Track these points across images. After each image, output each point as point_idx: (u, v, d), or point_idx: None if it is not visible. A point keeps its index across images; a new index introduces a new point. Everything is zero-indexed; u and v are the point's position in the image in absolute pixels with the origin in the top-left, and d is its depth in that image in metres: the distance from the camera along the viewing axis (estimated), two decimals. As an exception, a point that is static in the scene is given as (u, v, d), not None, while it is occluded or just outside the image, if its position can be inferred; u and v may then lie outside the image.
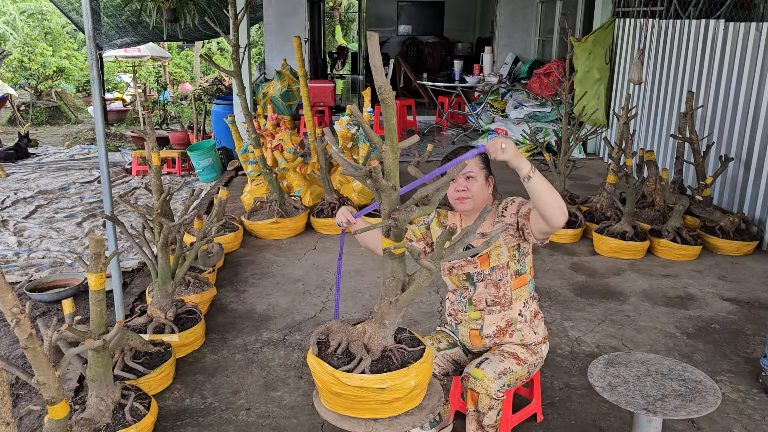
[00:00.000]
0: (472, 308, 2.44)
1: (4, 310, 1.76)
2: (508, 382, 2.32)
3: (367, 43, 1.68)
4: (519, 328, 2.42)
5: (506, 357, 2.36)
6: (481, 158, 2.38)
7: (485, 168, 2.41)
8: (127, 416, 2.51)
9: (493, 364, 2.31)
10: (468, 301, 2.44)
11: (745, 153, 5.08)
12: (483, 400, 2.24)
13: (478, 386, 2.25)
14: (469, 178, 2.36)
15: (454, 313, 2.53)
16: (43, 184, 7.32)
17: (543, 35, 10.45)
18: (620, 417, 2.79)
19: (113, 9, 8.23)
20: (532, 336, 2.45)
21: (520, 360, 2.39)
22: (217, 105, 8.25)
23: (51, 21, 15.79)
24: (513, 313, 2.41)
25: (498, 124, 8.71)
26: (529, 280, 2.45)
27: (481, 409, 2.25)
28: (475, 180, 2.36)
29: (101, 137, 3.21)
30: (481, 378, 2.25)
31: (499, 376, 2.27)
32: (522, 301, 2.43)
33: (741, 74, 5.16)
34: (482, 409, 2.25)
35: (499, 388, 2.26)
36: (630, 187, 4.61)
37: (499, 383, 2.26)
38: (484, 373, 2.26)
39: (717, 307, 3.90)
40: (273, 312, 3.83)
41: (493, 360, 2.33)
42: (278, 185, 5.13)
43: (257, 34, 17.18)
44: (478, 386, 2.25)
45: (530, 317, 2.45)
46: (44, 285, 4.33)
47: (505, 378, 2.30)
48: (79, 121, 13.18)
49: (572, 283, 4.23)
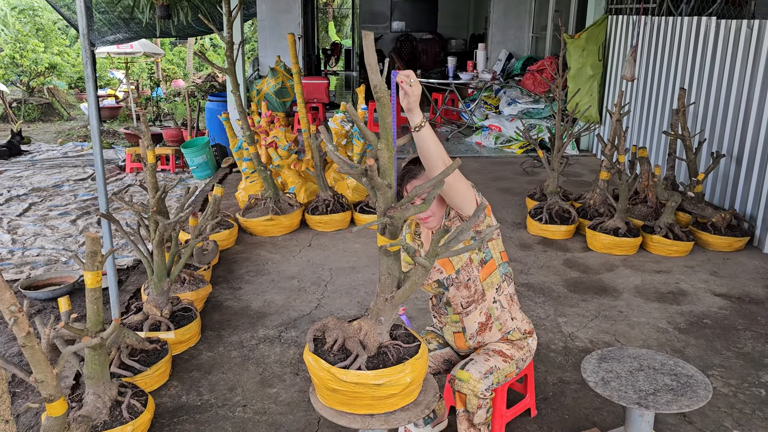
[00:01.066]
0: (451, 310, 2.45)
1: (2, 308, 1.77)
2: (496, 380, 2.32)
3: (363, 42, 1.69)
4: (497, 316, 2.42)
5: (491, 355, 2.37)
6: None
7: None
8: (124, 413, 2.53)
9: (478, 364, 2.31)
10: (446, 304, 2.45)
11: (737, 149, 5.13)
12: (471, 400, 2.25)
13: (465, 388, 2.26)
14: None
15: (438, 315, 2.55)
16: (37, 182, 7.29)
17: (536, 32, 10.48)
18: (613, 411, 2.82)
19: (105, 5, 8.19)
20: (510, 323, 2.44)
21: (507, 357, 2.39)
22: (210, 102, 8.24)
23: (42, 17, 15.68)
24: (488, 302, 2.40)
25: (492, 120, 8.73)
26: (498, 264, 2.40)
27: (470, 409, 2.27)
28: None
29: (96, 135, 3.21)
30: (467, 379, 2.26)
31: (485, 375, 2.28)
32: (494, 288, 2.40)
33: (732, 71, 5.20)
34: (471, 409, 2.26)
35: (487, 387, 2.27)
36: (623, 183, 4.64)
37: (486, 383, 2.27)
38: (469, 374, 2.27)
39: (709, 302, 3.94)
40: (268, 309, 3.84)
41: (478, 360, 2.33)
42: (273, 182, 5.13)
43: (250, 30, 17.13)
44: (464, 388, 2.26)
45: (506, 302, 2.43)
46: (39, 283, 4.33)
47: (492, 377, 2.30)
48: (71, 118, 13.11)
49: (565, 279, 4.27)
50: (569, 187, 6.16)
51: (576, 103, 7.41)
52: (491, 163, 7.64)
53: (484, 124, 8.80)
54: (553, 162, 5.16)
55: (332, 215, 5.16)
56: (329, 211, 5.19)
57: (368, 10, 14.51)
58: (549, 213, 5.06)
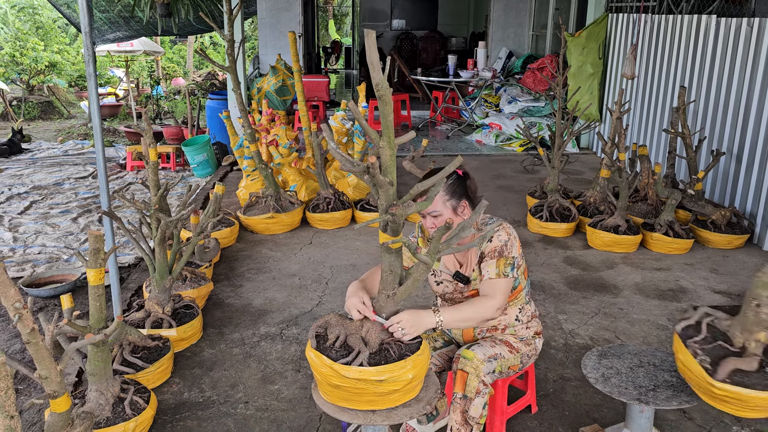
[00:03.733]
0: None
1: (7, 305, 1.78)
2: (498, 369, 2.33)
3: (365, 40, 1.70)
4: (514, 327, 2.46)
5: (497, 343, 2.39)
6: (445, 191, 2.29)
7: (451, 198, 2.30)
8: (127, 410, 2.54)
9: (484, 347, 2.33)
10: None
11: (737, 147, 5.14)
12: (471, 381, 2.23)
13: (468, 366, 2.24)
14: (436, 216, 2.31)
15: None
16: (38, 180, 7.30)
17: (537, 30, 10.48)
18: (613, 408, 2.83)
19: (105, 4, 8.19)
20: (524, 332, 2.48)
21: (513, 348, 2.41)
22: (211, 100, 8.25)
23: (42, 15, 15.68)
24: (509, 319, 2.45)
25: (492, 118, 8.74)
26: (524, 287, 2.44)
27: (468, 393, 2.22)
28: (442, 216, 2.30)
29: (98, 133, 3.22)
30: (471, 358, 2.26)
31: (489, 359, 2.29)
32: (518, 307, 2.45)
33: (733, 69, 5.21)
34: (470, 393, 2.22)
35: (489, 372, 2.27)
36: (623, 181, 4.65)
37: (489, 366, 2.27)
38: (474, 353, 2.27)
39: (708, 299, 3.96)
40: (270, 306, 3.85)
41: (485, 344, 2.35)
42: (274, 180, 5.14)
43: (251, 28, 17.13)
44: (468, 366, 2.24)
45: (526, 320, 2.48)
46: (41, 280, 4.34)
47: (496, 363, 2.31)
48: (71, 116, 13.11)
49: (566, 277, 4.28)
50: (569, 185, 6.17)
51: (576, 101, 7.39)
52: (491, 161, 7.65)
53: (484, 122, 8.81)
54: (554, 160, 5.16)
55: (333, 213, 5.17)
56: (330, 209, 5.20)
57: (368, 8, 14.50)
58: (549, 211, 5.07)
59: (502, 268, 2.29)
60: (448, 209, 2.30)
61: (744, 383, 1.76)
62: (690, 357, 1.89)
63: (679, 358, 2.04)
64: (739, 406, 1.81)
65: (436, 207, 2.29)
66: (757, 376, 1.76)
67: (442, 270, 2.46)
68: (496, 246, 2.31)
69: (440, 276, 2.47)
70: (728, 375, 1.76)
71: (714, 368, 1.79)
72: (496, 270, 2.29)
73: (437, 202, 2.28)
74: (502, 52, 10.30)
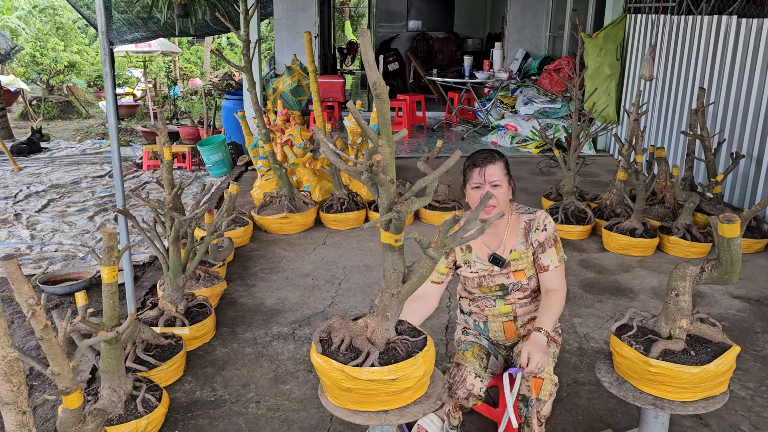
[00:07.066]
0: (502, 302, 2.47)
1: (21, 301, 1.80)
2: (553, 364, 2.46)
3: (360, 39, 1.68)
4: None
5: (550, 343, 2.45)
6: (504, 165, 2.42)
7: (508, 173, 2.44)
8: (139, 407, 2.55)
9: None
10: (499, 297, 2.49)
11: (757, 150, 5.05)
12: (546, 386, 2.28)
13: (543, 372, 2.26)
14: (496, 186, 2.36)
15: (479, 309, 2.54)
16: (55, 178, 7.38)
17: (554, 31, 10.41)
18: (628, 413, 2.79)
19: (125, 5, 8.27)
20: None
21: (557, 342, 2.54)
22: (227, 100, 8.30)
23: (62, 16, 15.88)
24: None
25: (508, 120, 8.69)
26: None
27: (542, 396, 2.26)
28: (501, 187, 2.38)
29: (114, 132, 3.25)
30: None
31: (553, 359, 2.44)
32: None
33: (753, 71, 5.13)
34: (543, 396, 2.26)
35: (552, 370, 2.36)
36: (640, 183, 4.60)
37: (552, 365, 2.38)
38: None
39: (726, 304, 3.89)
40: (282, 306, 3.85)
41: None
42: (288, 180, 5.15)
43: (267, 29, 17.21)
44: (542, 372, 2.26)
45: None
46: (57, 278, 4.38)
47: (553, 360, 2.45)
48: (90, 115, 13.26)
49: (581, 280, 4.24)
50: (585, 187, 6.11)
51: (593, 103, 7.35)
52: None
53: (500, 124, 8.76)
54: (570, 162, 5.12)
55: (347, 213, 5.17)
56: (344, 209, 5.20)
57: (384, 9, 14.49)
58: (565, 213, 5.02)
59: (561, 253, 2.45)
60: (506, 182, 2.40)
61: (674, 361, 2.07)
62: (627, 348, 2.13)
63: (616, 353, 2.20)
64: (671, 386, 2.08)
65: (498, 177, 2.36)
66: (683, 356, 2.10)
67: (475, 260, 2.50)
68: (551, 233, 2.44)
69: (474, 266, 2.51)
70: (660, 354, 2.07)
71: (647, 352, 2.10)
72: (557, 256, 2.43)
73: (499, 172, 2.37)
74: (519, 53, 10.24)
